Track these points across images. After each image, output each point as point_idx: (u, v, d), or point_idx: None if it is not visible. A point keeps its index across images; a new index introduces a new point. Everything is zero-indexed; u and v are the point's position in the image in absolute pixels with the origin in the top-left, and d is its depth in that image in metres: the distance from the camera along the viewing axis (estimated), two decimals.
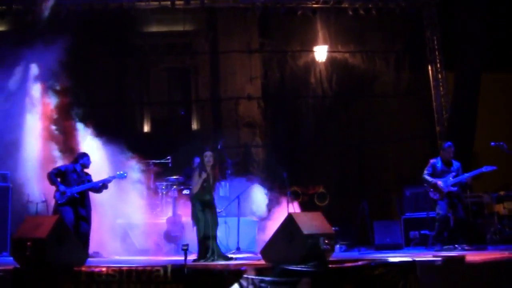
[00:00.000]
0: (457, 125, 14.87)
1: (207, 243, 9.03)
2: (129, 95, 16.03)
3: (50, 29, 13.01)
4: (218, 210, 9.62)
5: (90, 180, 9.88)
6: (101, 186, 9.88)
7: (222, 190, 12.08)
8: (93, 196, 10.06)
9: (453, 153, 10.37)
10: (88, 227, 9.67)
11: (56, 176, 9.67)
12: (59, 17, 13.80)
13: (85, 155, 10.02)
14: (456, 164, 10.33)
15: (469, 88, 15.02)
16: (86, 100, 14.25)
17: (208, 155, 9.34)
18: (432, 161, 10.45)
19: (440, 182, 10.12)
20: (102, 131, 12.51)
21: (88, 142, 11.55)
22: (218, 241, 9.27)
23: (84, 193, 9.76)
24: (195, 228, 9.21)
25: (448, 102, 15.18)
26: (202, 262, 8.75)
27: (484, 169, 10.23)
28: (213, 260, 8.85)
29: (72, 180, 9.70)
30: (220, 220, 9.57)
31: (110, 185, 10.08)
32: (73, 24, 13.69)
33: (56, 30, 12.82)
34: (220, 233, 9.79)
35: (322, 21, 15.57)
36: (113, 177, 9.94)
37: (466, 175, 10.23)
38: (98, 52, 15.02)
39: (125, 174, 10.06)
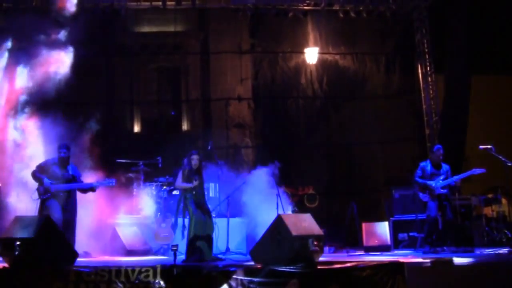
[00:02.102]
0: (449, 128, 14.98)
1: (196, 243, 9.03)
2: (119, 94, 15.99)
3: (40, 28, 12.97)
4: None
5: (74, 176, 9.78)
6: (87, 189, 9.85)
7: (212, 191, 12.07)
8: (82, 195, 10.03)
9: (442, 156, 10.43)
10: (73, 224, 9.63)
11: (40, 173, 9.59)
12: (50, 16, 13.76)
13: (60, 147, 9.84)
14: (445, 166, 10.39)
15: (460, 91, 15.14)
16: (76, 99, 14.24)
17: (195, 158, 9.42)
18: (421, 164, 10.50)
19: (431, 183, 10.17)
20: (92, 130, 12.48)
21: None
22: (209, 242, 9.27)
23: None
24: (185, 230, 9.22)
25: (437, 104, 15.26)
26: (191, 263, 8.75)
27: (473, 171, 10.30)
28: (202, 261, 8.85)
29: (54, 173, 9.61)
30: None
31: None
32: (64, 22, 13.65)
33: (46, 28, 12.80)
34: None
35: (313, 23, 15.61)
36: (101, 183, 9.91)
37: (456, 177, 10.29)
38: (88, 51, 14.96)
39: (113, 182, 10.04)
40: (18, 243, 7.41)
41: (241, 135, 16.00)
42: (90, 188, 9.82)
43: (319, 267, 7.51)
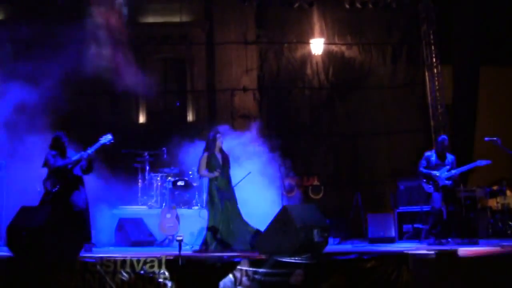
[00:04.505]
0: (458, 119, 15.00)
1: (215, 234, 8.97)
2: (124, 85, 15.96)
3: (44, 18, 13.00)
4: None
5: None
6: (86, 161, 9.32)
7: None
8: (87, 187, 10.01)
9: (447, 147, 10.41)
10: (83, 212, 9.32)
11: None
12: (54, 6, 13.79)
13: (59, 136, 9.40)
14: (450, 157, 10.33)
15: (468, 82, 15.14)
16: (81, 90, 14.25)
17: (221, 138, 9.23)
18: (426, 154, 10.46)
19: (435, 173, 10.13)
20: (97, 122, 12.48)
21: None
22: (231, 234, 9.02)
23: (74, 177, 9.35)
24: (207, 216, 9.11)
25: (443, 96, 15.24)
26: (202, 254, 8.70)
27: (478, 163, 10.28)
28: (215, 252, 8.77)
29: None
30: None
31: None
32: (68, 12, 13.68)
33: (50, 18, 12.83)
34: None
35: (319, 13, 15.60)
36: (96, 145, 9.34)
37: (461, 168, 10.26)
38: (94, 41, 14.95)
39: (110, 137, 9.39)
40: (24, 233, 7.46)
41: (246, 126, 16.00)
42: (89, 160, 9.33)
43: (324, 258, 7.53)
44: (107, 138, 9.39)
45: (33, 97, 11.32)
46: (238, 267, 7.17)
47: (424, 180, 10.27)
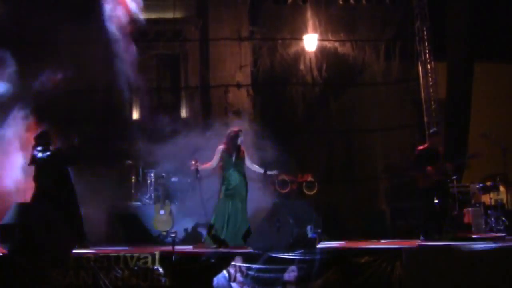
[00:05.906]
0: (452, 115, 15.03)
1: (211, 232, 9.00)
2: (118, 81, 15.93)
3: (35, 15, 12.97)
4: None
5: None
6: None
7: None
8: (83, 183, 9.99)
9: (439, 140, 10.42)
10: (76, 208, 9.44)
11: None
12: (47, 3, 13.72)
13: (39, 135, 9.52)
14: (443, 151, 10.36)
15: (462, 78, 15.16)
16: (74, 86, 14.21)
17: (242, 136, 9.35)
18: (419, 148, 10.49)
19: (429, 168, 10.15)
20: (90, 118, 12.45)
21: None
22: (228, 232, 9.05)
23: (63, 173, 9.45)
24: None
25: (436, 92, 15.25)
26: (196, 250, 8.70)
27: (471, 156, 10.30)
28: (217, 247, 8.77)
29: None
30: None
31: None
32: (61, 9, 13.62)
33: (42, 15, 12.80)
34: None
35: (312, 9, 15.58)
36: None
37: (454, 162, 10.26)
38: (87, 37, 14.93)
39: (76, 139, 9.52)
40: (17, 229, 7.44)
41: (240, 122, 15.99)
42: (73, 148, 9.47)
43: (317, 253, 7.53)
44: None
45: (25, 93, 11.29)
46: (232, 263, 7.18)
47: (417, 176, 10.28)
